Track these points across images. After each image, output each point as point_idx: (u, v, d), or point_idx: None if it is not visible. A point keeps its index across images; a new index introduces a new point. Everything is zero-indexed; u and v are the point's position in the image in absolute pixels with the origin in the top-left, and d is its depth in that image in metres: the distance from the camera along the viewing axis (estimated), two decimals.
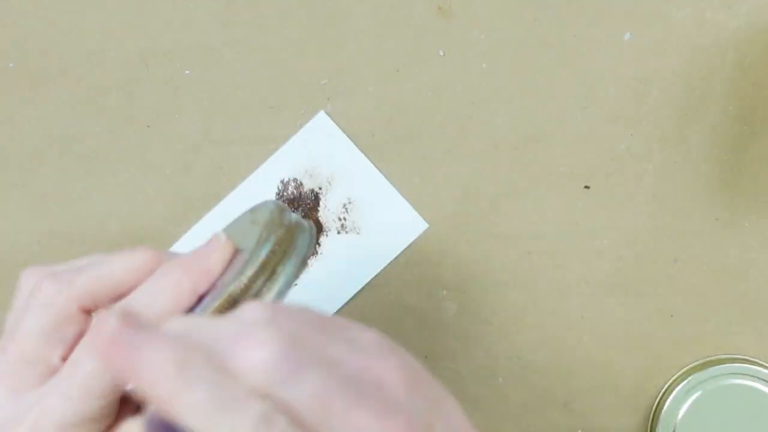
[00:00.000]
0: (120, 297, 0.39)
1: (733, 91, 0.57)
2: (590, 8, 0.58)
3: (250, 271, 0.38)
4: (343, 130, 0.59)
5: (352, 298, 0.58)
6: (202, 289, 0.39)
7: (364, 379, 0.32)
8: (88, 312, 0.39)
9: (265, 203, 0.42)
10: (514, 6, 0.58)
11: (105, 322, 0.31)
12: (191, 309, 0.39)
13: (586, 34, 0.58)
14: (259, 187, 0.58)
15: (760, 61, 0.57)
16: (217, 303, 0.38)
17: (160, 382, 0.30)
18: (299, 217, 0.42)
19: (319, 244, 0.58)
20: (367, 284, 0.58)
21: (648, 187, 0.58)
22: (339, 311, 0.58)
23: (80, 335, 0.39)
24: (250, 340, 0.30)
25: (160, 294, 0.38)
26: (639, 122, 0.58)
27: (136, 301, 0.38)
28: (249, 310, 0.33)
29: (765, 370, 0.55)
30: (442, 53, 0.59)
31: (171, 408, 0.30)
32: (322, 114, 0.59)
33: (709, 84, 0.57)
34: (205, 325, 0.32)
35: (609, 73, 0.58)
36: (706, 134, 0.57)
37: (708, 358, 0.56)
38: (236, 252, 0.40)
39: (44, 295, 0.39)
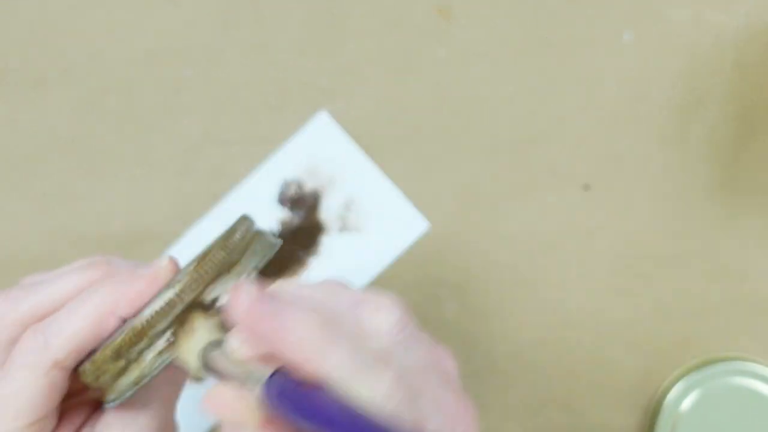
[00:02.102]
0: None
1: (732, 91, 0.57)
2: (590, 8, 0.58)
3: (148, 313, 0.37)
4: (344, 130, 0.59)
5: None
6: (124, 314, 0.38)
7: (438, 366, 0.35)
8: None
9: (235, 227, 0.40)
10: (514, 6, 0.58)
11: (242, 294, 0.33)
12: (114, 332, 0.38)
13: (586, 34, 0.58)
14: (260, 187, 0.58)
15: (760, 61, 0.57)
16: (117, 340, 0.37)
17: (306, 344, 0.31)
18: (264, 233, 0.40)
19: (320, 244, 0.58)
20: (368, 284, 0.58)
21: (648, 187, 0.58)
22: None
23: (56, 388, 0.38)
24: (374, 304, 0.33)
25: (78, 315, 0.37)
26: (639, 122, 0.58)
27: (54, 321, 0.38)
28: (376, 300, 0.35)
29: (765, 370, 0.55)
30: (442, 53, 0.59)
31: (316, 368, 0.31)
32: (322, 114, 0.59)
33: (709, 84, 0.58)
34: (324, 293, 0.34)
35: (609, 73, 0.58)
36: (706, 134, 0.58)
37: (707, 358, 0.56)
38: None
39: None
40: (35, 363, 0.37)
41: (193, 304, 0.37)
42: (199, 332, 0.37)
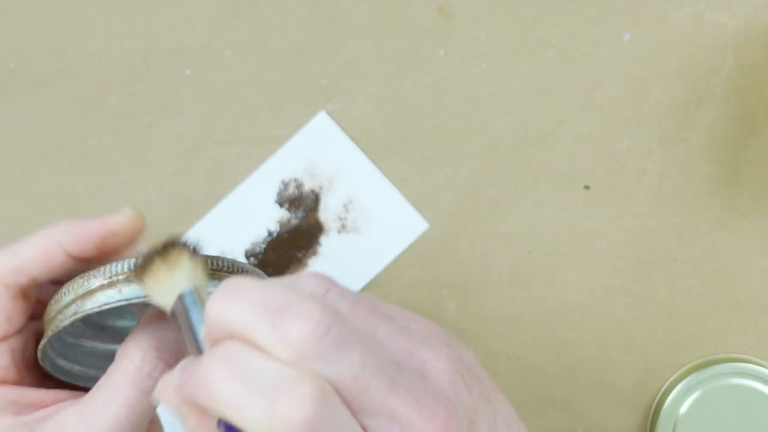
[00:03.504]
0: None
1: (732, 91, 0.57)
2: (590, 8, 0.58)
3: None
4: (344, 130, 0.59)
5: None
6: (70, 248, 0.39)
7: (407, 365, 0.32)
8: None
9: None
10: (514, 6, 0.58)
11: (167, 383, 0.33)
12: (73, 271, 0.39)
13: (586, 34, 0.58)
14: (259, 187, 0.58)
15: (760, 61, 0.57)
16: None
17: (224, 400, 0.30)
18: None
19: (320, 244, 0.58)
20: (367, 284, 0.58)
21: (648, 187, 0.58)
22: None
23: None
24: (294, 311, 0.30)
25: (28, 241, 0.39)
26: (639, 122, 0.58)
27: (8, 246, 0.39)
28: (306, 280, 0.33)
29: (765, 370, 0.55)
30: (442, 53, 0.59)
31: (226, 414, 0.30)
32: (322, 114, 0.59)
33: (709, 84, 0.57)
34: (257, 290, 0.31)
35: (609, 73, 0.58)
36: (706, 134, 0.57)
37: (707, 358, 0.56)
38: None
39: None
40: None
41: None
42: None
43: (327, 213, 0.58)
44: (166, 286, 0.35)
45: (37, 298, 0.41)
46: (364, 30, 0.59)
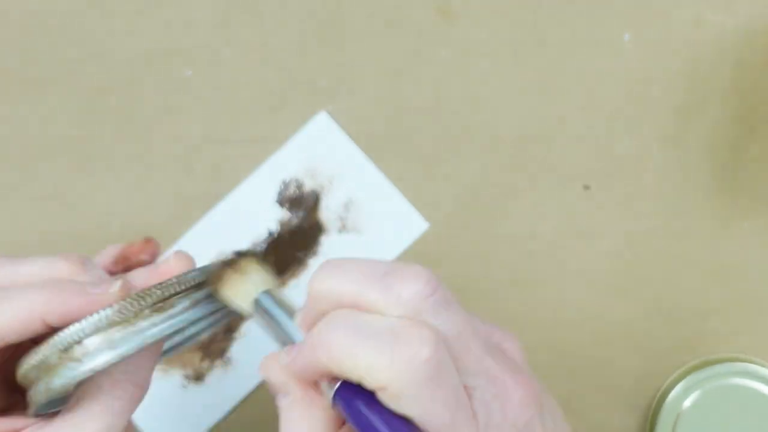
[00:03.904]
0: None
1: (733, 91, 0.57)
2: (590, 8, 0.58)
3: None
4: (344, 130, 0.59)
5: None
6: (52, 322, 0.37)
7: (492, 340, 0.35)
8: None
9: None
10: (514, 6, 0.58)
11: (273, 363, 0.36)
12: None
13: (586, 34, 0.58)
14: (260, 187, 0.58)
15: (760, 61, 0.57)
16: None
17: (340, 358, 0.32)
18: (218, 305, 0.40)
19: (320, 244, 0.58)
20: None
21: (648, 187, 0.58)
22: None
23: None
24: (403, 273, 0.33)
25: (7, 308, 0.37)
26: (639, 122, 0.58)
27: None
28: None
29: (765, 370, 0.55)
30: (442, 53, 0.59)
31: (358, 374, 0.32)
32: (322, 114, 0.59)
33: (709, 84, 0.57)
34: (361, 262, 0.34)
35: (609, 73, 0.58)
36: (706, 134, 0.58)
37: (707, 358, 0.56)
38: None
39: None
40: None
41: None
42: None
43: (327, 213, 0.58)
44: (244, 292, 0.38)
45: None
46: (364, 30, 0.59)
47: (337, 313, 0.33)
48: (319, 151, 0.58)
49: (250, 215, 0.58)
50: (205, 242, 0.58)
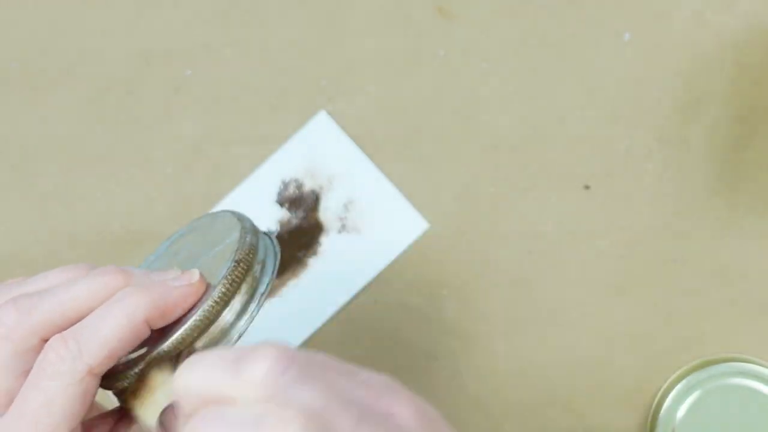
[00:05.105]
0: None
1: (733, 91, 0.57)
2: (590, 8, 0.58)
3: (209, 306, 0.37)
4: (344, 130, 0.59)
5: (352, 298, 0.58)
6: (157, 325, 0.38)
7: (372, 408, 0.31)
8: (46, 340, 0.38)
9: (225, 221, 0.41)
10: (514, 6, 0.58)
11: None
12: (146, 341, 0.38)
13: (586, 34, 0.58)
14: (259, 187, 0.58)
15: (760, 61, 0.57)
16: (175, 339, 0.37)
17: None
18: (265, 237, 0.40)
19: (320, 244, 0.58)
20: (367, 284, 0.58)
21: (648, 187, 0.58)
22: (339, 311, 0.58)
23: (88, 396, 0.38)
24: (250, 356, 0.31)
25: (111, 322, 0.37)
26: (639, 122, 0.58)
27: (85, 328, 0.37)
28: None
29: (765, 370, 0.55)
30: (442, 53, 0.59)
31: None
32: (322, 114, 0.59)
33: (709, 84, 0.57)
34: (210, 354, 0.32)
35: (609, 73, 0.58)
36: (706, 134, 0.57)
37: (707, 358, 0.56)
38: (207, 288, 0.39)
39: (4, 327, 0.37)
40: (69, 371, 0.36)
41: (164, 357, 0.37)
42: (160, 391, 0.37)
43: (327, 213, 0.58)
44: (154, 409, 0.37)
45: None
46: (364, 30, 0.59)
47: (200, 414, 0.31)
48: (319, 151, 0.58)
49: (249, 215, 0.58)
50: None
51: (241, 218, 0.41)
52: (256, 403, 0.30)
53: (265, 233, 0.41)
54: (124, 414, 0.40)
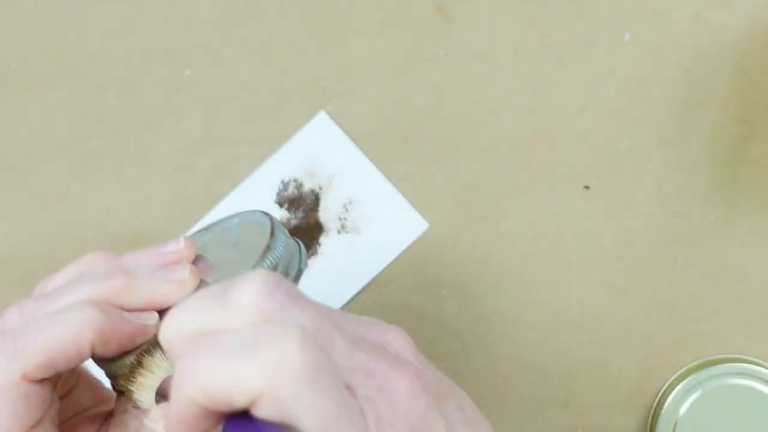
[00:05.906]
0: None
1: (733, 91, 0.57)
2: (590, 8, 0.58)
3: None
4: (344, 130, 0.59)
5: (352, 298, 0.58)
6: (98, 351, 0.36)
7: (364, 336, 0.31)
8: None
9: (255, 220, 0.41)
10: (514, 6, 0.58)
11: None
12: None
13: (586, 34, 0.58)
14: (259, 187, 0.58)
15: (760, 61, 0.57)
16: None
17: (210, 384, 0.29)
18: (291, 238, 0.41)
19: (320, 244, 0.58)
20: (367, 284, 0.58)
21: (648, 187, 0.58)
22: None
23: (31, 401, 0.36)
24: (236, 285, 0.30)
25: (59, 330, 0.35)
26: (639, 122, 0.58)
27: (29, 331, 0.35)
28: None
29: (765, 370, 0.55)
30: (442, 53, 0.59)
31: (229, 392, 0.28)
32: (322, 114, 0.59)
33: (709, 84, 0.57)
34: (194, 297, 0.31)
35: (609, 73, 0.58)
36: (706, 134, 0.57)
37: (708, 358, 0.56)
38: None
39: None
40: (2, 370, 0.35)
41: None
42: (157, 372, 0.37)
43: (327, 213, 0.58)
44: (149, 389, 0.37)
45: None
46: (364, 30, 0.59)
47: (190, 350, 0.29)
48: (319, 151, 0.58)
49: None
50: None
51: (272, 219, 0.41)
52: (250, 326, 0.29)
53: (294, 238, 0.41)
54: (110, 414, 0.40)
